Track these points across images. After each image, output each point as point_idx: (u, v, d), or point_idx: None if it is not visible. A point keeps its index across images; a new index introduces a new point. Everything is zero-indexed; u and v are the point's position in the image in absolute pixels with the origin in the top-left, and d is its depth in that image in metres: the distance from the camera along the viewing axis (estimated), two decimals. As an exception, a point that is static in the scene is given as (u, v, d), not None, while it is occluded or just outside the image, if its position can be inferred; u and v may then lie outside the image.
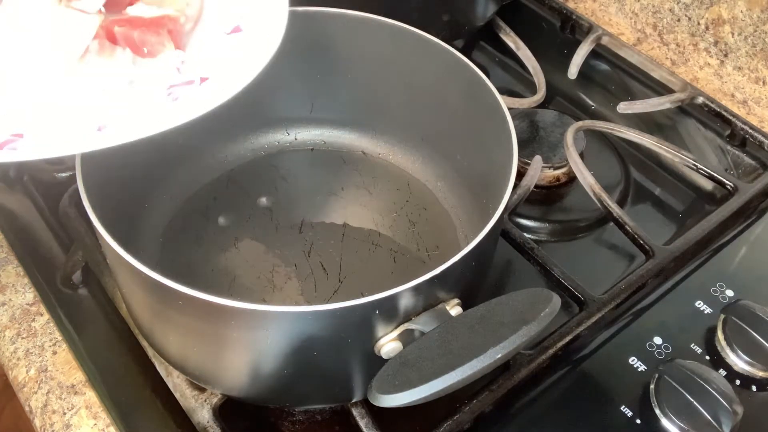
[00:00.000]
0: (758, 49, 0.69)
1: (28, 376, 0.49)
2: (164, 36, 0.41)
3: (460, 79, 0.50)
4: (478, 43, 0.77)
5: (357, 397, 0.44)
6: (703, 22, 0.72)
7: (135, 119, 0.38)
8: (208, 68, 0.41)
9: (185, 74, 0.41)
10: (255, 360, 0.40)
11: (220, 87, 0.40)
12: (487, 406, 0.46)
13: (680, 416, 0.44)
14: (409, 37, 0.52)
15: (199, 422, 0.46)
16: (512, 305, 0.37)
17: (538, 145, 0.62)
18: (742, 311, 0.48)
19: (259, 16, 0.44)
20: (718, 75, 0.72)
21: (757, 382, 0.47)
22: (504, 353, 0.34)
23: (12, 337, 0.50)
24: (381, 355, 0.38)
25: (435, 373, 0.33)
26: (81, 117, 0.38)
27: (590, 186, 0.57)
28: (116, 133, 0.36)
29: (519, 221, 0.59)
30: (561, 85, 0.72)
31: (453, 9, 0.69)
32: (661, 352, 0.49)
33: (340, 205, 0.55)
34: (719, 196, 0.61)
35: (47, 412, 0.47)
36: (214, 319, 0.37)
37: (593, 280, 0.52)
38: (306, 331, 0.37)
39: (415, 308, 0.38)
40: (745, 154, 0.64)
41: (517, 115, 0.64)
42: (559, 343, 0.48)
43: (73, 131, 0.37)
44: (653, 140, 0.62)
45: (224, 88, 0.39)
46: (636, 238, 0.54)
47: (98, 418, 0.46)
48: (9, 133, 0.36)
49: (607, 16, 0.80)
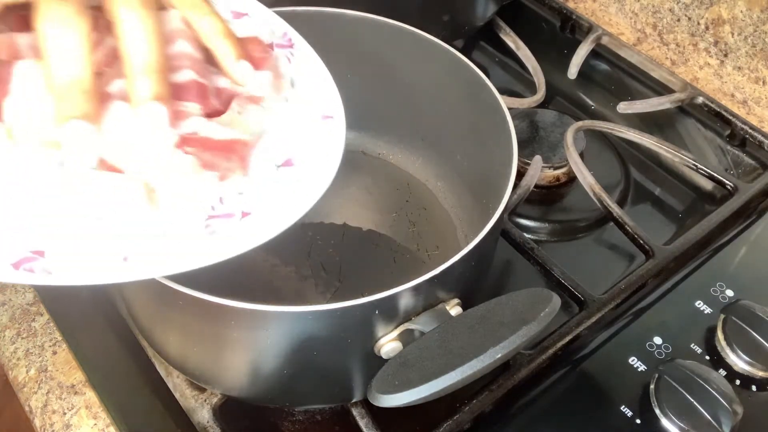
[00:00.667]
0: (758, 49, 0.69)
1: (28, 376, 0.49)
2: (234, 161, 0.37)
3: (460, 79, 0.50)
4: (478, 43, 0.77)
5: (357, 397, 0.44)
6: (703, 22, 0.72)
7: (165, 251, 0.34)
8: (251, 202, 0.37)
9: (227, 206, 0.36)
10: (255, 360, 0.40)
11: (261, 225, 0.36)
12: (487, 406, 0.46)
13: (680, 416, 0.44)
14: (409, 37, 0.52)
15: (199, 422, 0.46)
16: (512, 305, 0.37)
17: (538, 145, 0.62)
18: (742, 311, 0.48)
19: (314, 150, 0.40)
20: (718, 75, 0.72)
21: (757, 382, 0.47)
22: (504, 353, 0.34)
23: (12, 337, 0.50)
24: (381, 355, 0.38)
25: (435, 373, 0.33)
26: (107, 240, 0.33)
27: (590, 186, 0.57)
28: (142, 266, 0.32)
29: (519, 221, 0.59)
30: (561, 85, 0.72)
31: (453, 9, 0.69)
32: (661, 352, 0.49)
33: (340, 205, 0.55)
34: (719, 196, 0.61)
35: (47, 412, 0.47)
36: (214, 319, 0.37)
37: (593, 280, 0.52)
38: (306, 331, 0.37)
39: (415, 308, 0.38)
40: (745, 154, 0.64)
41: (517, 115, 0.64)
42: (559, 343, 0.48)
43: (97, 257, 0.33)
44: (653, 140, 0.62)
45: (266, 227, 0.35)
46: (636, 238, 0.54)
47: (98, 418, 0.46)
48: (28, 249, 0.32)
49: (607, 16, 0.80)
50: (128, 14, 0.32)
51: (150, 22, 0.33)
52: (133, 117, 0.34)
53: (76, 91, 0.31)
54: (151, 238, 0.34)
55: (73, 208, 0.34)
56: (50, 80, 0.31)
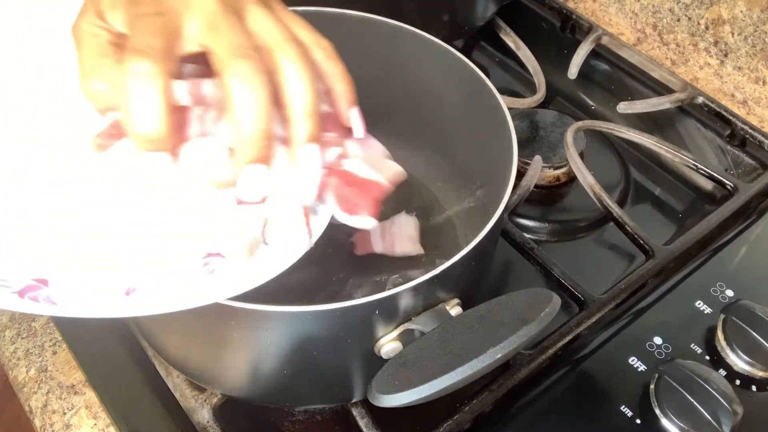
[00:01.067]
0: (758, 49, 0.69)
1: (28, 376, 0.49)
2: (367, 201, 0.38)
3: (460, 79, 0.50)
4: (478, 43, 0.77)
5: (357, 397, 0.44)
6: (703, 22, 0.72)
7: (168, 286, 0.34)
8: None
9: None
10: (255, 360, 0.40)
11: (259, 266, 0.36)
12: (487, 406, 0.46)
13: (680, 416, 0.44)
14: (409, 37, 0.51)
15: (199, 422, 0.46)
16: (512, 305, 0.37)
17: (538, 145, 0.62)
18: (742, 311, 0.48)
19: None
20: (718, 75, 0.72)
21: (757, 382, 0.47)
22: (504, 353, 0.34)
23: (12, 337, 0.50)
24: (381, 355, 0.38)
25: (435, 373, 0.33)
26: (111, 272, 0.34)
27: (590, 186, 0.57)
28: (144, 302, 0.33)
29: (519, 221, 0.59)
30: (561, 85, 0.72)
31: (453, 9, 0.69)
32: (661, 352, 0.49)
33: (340, 205, 0.55)
34: (719, 196, 0.61)
35: (47, 412, 0.47)
36: (214, 319, 0.37)
37: (593, 280, 0.52)
38: (306, 331, 0.37)
39: (415, 308, 0.38)
40: (745, 154, 0.64)
41: (517, 115, 0.64)
42: (559, 343, 0.48)
43: (101, 288, 0.34)
44: (653, 140, 0.62)
45: (264, 268, 0.36)
46: (636, 238, 0.54)
47: (98, 418, 0.46)
48: (32, 277, 0.33)
49: (607, 16, 0.80)
50: (290, 67, 0.35)
51: (308, 73, 0.36)
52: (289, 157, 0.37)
53: (259, 139, 0.34)
54: (156, 269, 0.35)
55: (79, 238, 0.35)
56: (236, 130, 0.34)
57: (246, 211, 0.37)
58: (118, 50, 0.35)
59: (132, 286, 0.34)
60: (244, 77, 0.33)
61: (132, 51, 0.32)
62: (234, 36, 0.34)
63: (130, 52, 0.32)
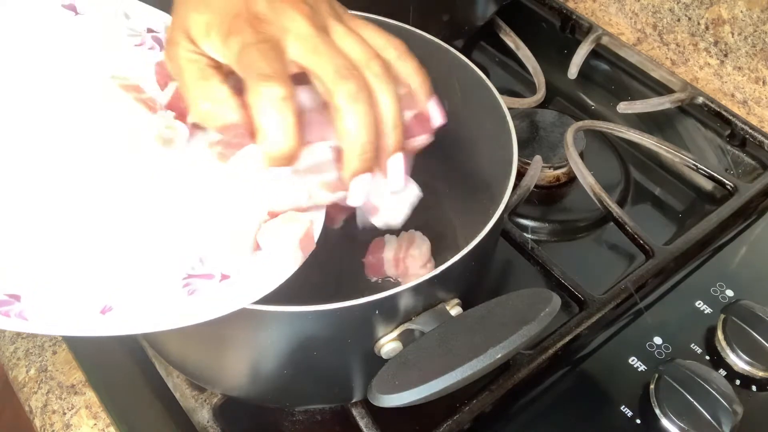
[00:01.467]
0: (758, 49, 0.69)
1: (28, 376, 0.49)
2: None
3: (460, 79, 0.50)
4: (478, 43, 0.77)
5: (357, 397, 0.44)
6: (703, 22, 0.72)
7: (145, 306, 0.33)
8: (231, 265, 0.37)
9: (207, 266, 0.36)
10: (255, 360, 0.40)
11: (240, 289, 0.35)
12: (487, 406, 0.46)
13: (680, 416, 0.44)
14: (409, 37, 0.51)
15: (199, 422, 0.46)
16: (512, 305, 0.37)
17: (538, 145, 0.62)
18: (742, 311, 0.48)
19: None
20: (718, 75, 0.72)
21: (757, 382, 0.47)
22: (504, 353, 0.34)
23: (12, 336, 0.50)
24: (381, 355, 0.38)
25: (435, 373, 0.33)
26: (86, 289, 0.34)
27: (590, 186, 0.57)
28: (119, 322, 0.32)
29: (519, 221, 0.59)
30: (561, 85, 0.72)
31: (453, 9, 0.69)
32: (661, 352, 0.49)
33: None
34: (719, 196, 0.61)
35: (47, 412, 0.47)
36: (214, 319, 0.37)
37: (593, 280, 0.52)
38: (306, 331, 0.37)
39: (415, 308, 0.38)
40: (745, 154, 0.64)
41: (517, 115, 0.64)
42: (559, 343, 0.48)
43: (75, 306, 0.33)
44: (653, 140, 0.62)
45: (245, 291, 0.35)
46: (636, 238, 0.54)
47: (98, 418, 0.46)
48: (3, 292, 0.32)
49: (607, 16, 0.80)
50: (378, 83, 0.37)
51: (393, 88, 0.38)
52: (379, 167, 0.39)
53: (367, 152, 0.37)
54: (131, 290, 0.34)
55: (54, 254, 0.35)
56: (347, 144, 0.37)
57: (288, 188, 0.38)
58: (219, 73, 0.37)
59: (108, 304, 0.33)
60: (351, 97, 0.35)
61: (260, 77, 0.34)
62: (335, 58, 0.36)
63: (258, 78, 0.34)
